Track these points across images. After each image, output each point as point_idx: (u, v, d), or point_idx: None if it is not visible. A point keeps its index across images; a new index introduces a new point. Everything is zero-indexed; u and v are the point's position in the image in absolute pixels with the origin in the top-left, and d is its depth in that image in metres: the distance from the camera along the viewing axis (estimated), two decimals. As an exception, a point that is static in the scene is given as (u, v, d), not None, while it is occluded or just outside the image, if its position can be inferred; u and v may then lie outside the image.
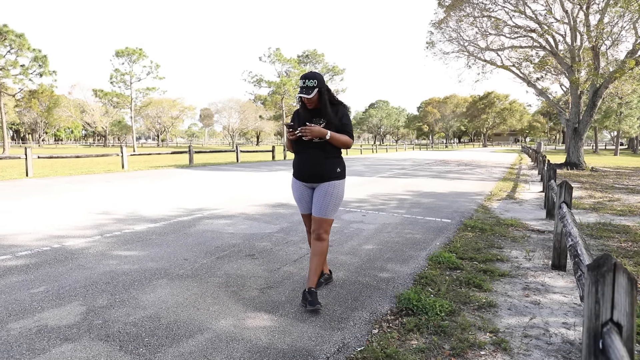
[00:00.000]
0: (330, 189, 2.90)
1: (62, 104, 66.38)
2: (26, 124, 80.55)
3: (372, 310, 2.81)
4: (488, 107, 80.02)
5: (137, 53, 42.63)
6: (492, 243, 4.64)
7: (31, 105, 38.22)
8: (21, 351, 2.20)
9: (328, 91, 2.90)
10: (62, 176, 12.48)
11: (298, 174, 3.01)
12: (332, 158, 2.92)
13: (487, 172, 15.61)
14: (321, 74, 2.88)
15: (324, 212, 2.91)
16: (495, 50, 20.45)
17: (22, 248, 4.20)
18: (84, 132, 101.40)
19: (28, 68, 35.45)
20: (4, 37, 33.35)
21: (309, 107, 2.88)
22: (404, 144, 65.15)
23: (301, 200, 3.06)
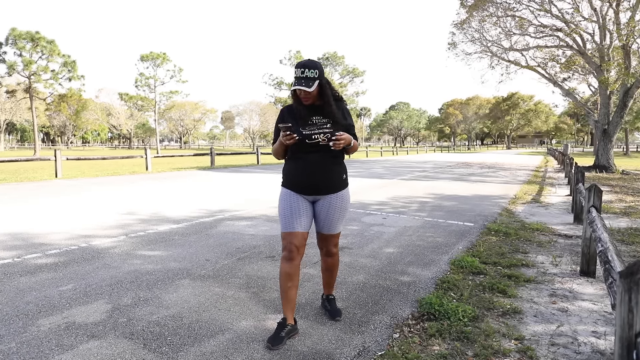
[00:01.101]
0: (339, 201, 2.50)
1: (90, 108, 68.40)
2: (55, 127, 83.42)
3: (393, 314, 2.78)
4: (512, 109, 78.43)
5: (161, 57, 43.58)
6: (516, 248, 4.53)
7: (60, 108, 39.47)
8: (50, 346, 2.27)
9: (329, 84, 2.42)
10: (89, 177, 12.85)
11: (297, 184, 2.44)
12: (339, 164, 2.50)
13: (511, 174, 15.28)
14: (320, 63, 2.37)
15: (334, 228, 2.55)
16: (519, 50, 20.02)
17: (52, 246, 4.34)
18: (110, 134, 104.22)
19: (58, 73, 36.71)
20: (36, 43, 34.64)
21: (306, 103, 2.37)
22: (424, 146, 64.53)
23: (294, 213, 2.44)
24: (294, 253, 2.41)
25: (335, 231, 2.58)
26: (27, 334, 2.41)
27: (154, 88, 44.97)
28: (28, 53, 34.81)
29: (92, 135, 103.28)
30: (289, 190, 2.48)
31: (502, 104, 79.23)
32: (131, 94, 47.16)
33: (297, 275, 2.45)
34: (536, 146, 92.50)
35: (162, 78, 44.74)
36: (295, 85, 2.29)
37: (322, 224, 2.54)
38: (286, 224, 2.44)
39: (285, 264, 2.43)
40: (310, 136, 2.33)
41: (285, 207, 2.46)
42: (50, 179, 12.25)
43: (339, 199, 2.50)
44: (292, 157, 2.46)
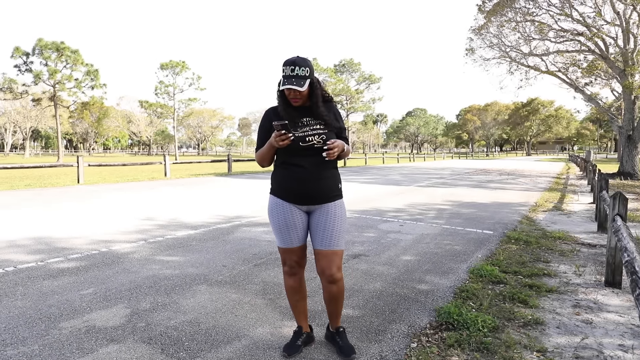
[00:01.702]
0: (338, 209, 2.24)
1: (111, 115, 70.12)
2: (78, 134, 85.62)
3: (411, 323, 2.74)
4: (532, 114, 77.03)
5: (180, 65, 44.41)
6: (538, 257, 4.42)
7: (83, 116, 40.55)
8: (71, 350, 2.31)
9: (319, 84, 2.19)
10: (109, 183, 13.12)
11: (289, 193, 2.20)
12: (333, 169, 2.26)
13: (531, 181, 14.99)
14: (310, 61, 2.15)
15: (335, 243, 2.20)
16: (539, 56, 19.72)
17: (73, 251, 4.43)
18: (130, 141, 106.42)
19: (81, 81, 37.74)
20: (61, 53, 35.73)
21: (296, 104, 2.14)
22: (442, 153, 63.88)
23: (291, 228, 2.22)
24: (294, 268, 2.31)
25: (338, 247, 2.22)
26: (49, 337, 2.45)
27: (173, 96, 45.80)
28: (53, 62, 35.91)
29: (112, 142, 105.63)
30: (280, 200, 2.24)
31: (521, 109, 77.91)
32: (151, 102, 48.11)
33: (303, 287, 2.38)
34: (557, 152, 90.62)
35: (181, 86, 45.57)
36: (285, 85, 2.05)
37: (320, 238, 2.21)
38: (283, 239, 2.25)
39: (288, 279, 2.34)
40: (304, 138, 2.11)
41: (280, 221, 2.23)
42: (73, 184, 12.56)
43: (338, 207, 2.24)
44: (282, 163, 2.22)
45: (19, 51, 35.14)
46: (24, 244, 4.73)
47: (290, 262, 2.30)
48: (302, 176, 2.16)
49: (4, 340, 2.40)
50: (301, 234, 2.27)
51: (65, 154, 69.32)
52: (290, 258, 2.29)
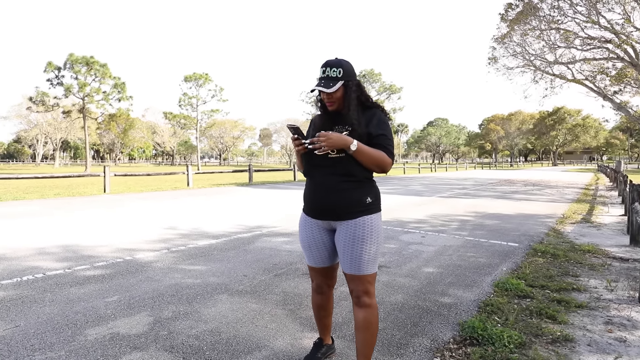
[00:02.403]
0: (359, 230, 1.92)
1: (137, 126, 72.00)
2: (105, 144, 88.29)
3: (433, 337, 2.68)
4: (558, 124, 75.31)
5: (203, 78, 45.39)
6: (566, 270, 4.27)
7: (110, 127, 41.80)
8: (96, 356, 2.35)
9: (359, 88, 1.98)
10: (134, 193, 13.43)
11: (309, 207, 2.06)
12: (357, 182, 1.95)
13: (558, 192, 14.58)
14: (350, 63, 1.99)
15: (357, 268, 1.94)
16: (565, 64, 19.33)
17: (99, 259, 4.53)
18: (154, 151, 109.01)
19: (109, 94, 39.02)
20: (90, 67, 37.07)
21: (330, 109, 1.99)
22: (464, 163, 62.91)
23: (312, 246, 2.07)
24: (323, 287, 2.19)
25: (361, 271, 1.94)
26: (75, 343, 2.50)
27: (196, 107, 46.76)
28: (83, 76, 37.29)
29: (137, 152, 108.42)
30: (304, 215, 2.12)
31: (547, 119, 76.28)
32: (175, 113, 49.24)
33: (330, 305, 2.27)
34: (585, 163, 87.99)
35: (204, 97, 46.51)
36: (315, 86, 1.93)
37: (342, 260, 2.00)
38: (309, 257, 2.13)
39: (315, 296, 2.23)
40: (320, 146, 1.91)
41: (302, 237, 2.11)
42: (99, 194, 12.91)
43: (359, 226, 1.93)
44: (307, 172, 2.07)
45: (51, 66, 36.65)
46: (53, 252, 4.87)
47: (317, 281, 2.18)
48: (316, 188, 2.00)
49: (32, 346, 2.46)
50: (324, 254, 2.08)
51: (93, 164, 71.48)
52: (317, 277, 2.17)
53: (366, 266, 1.94)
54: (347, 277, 2.00)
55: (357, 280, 1.96)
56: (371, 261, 1.95)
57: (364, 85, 2.01)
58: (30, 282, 3.71)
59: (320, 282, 2.17)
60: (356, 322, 2.01)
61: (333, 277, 2.19)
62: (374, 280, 2.00)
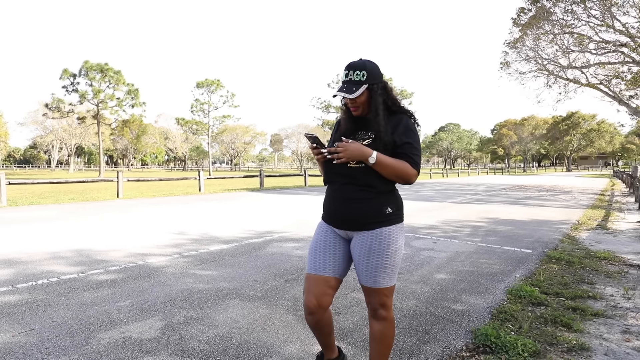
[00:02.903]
0: (376, 242, 1.81)
1: (149, 132, 73.01)
2: (118, 150, 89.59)
3: (446, 345, 2.65)
4: (572, 129, 74.29)
5: (215, 84, 45.86)
6: (581, 278, 4.20)
7: (123, 133, 42.48)
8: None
9: (385, 90, 1.85)
10: (147, 198, 13.58)
11: (327, 214, 1.98)
12: (377, 192, 1.82)
13: (572, 198, 14.35)
14: (375, 64, 1.86)
15: (372, 280, 1.84)
16: (579, 68, 19.10)
17: (112, 263, 4.59)
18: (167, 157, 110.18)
19: (122, 100, 39.66)
20: (104, 74, 37.74)
21: (355, 114, 1.87)
22: (476, 168, 62.35)
23: (318, 249, 1.94)
24: (311, 307, 1.88)
25: (376, 284, 1.85)
26: (88, 347, 2.53)
27: (208, 113, 47.23)
28: (97, 83, 37.97)
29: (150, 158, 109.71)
30: (322, 222, 2.02)
31: (560, 123, 75.31)
32: (187, 119, 49.83)
33: (326, 324, 1.98)
34: (600, 168, 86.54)
35: (215, 103, 46.96)
36: (337, 91, 1.81)
37: (358, 271, 1.89)
38: (309, 263, 1.95)
39: (307, 315, 1.93)
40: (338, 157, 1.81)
41: (314, 240, 1.99)
42: (112, 199, 13.07)
43: (376, 238, 1.81)
44: (325, 180, 1.99)
45: (67, 73, 37.40)
46: (67, 256, 4.94)
47: (308, 297, 1.89)
48: (334, 196, 1.89)
49: (47, 349, 2.50)
50: (330, 262, 1.91)
51: (106, 169, 72.48)
52: (311, 290, 1.89)
53: (382, 279, 1.83)
54: (364, 289, 1.90)
55: (373, 292, 1.86)
56: (388, 274, 1.84)
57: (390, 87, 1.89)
58: (45, 285, 3.76)
59: (312, 298, 1.88)
60: (371, 333, 1.94)
61: (329, 294, 1.91)
62: (392, 293, 1.89)
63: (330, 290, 1.91)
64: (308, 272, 1.94)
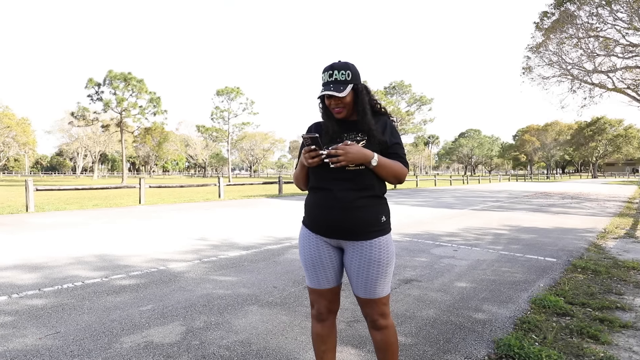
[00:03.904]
0: (374, 251, 1.77)
1: (170, 139, 74.34)
2: (140, 157, 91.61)
3: (467, 354, 2.60)
4: (597, 134, 72.23)
5: (235, 91, 46.46)
6: (609, 288, 4.06)
7: (145, 140, 43.40)
8: (130, 364, 2.41)
9: (367, 91, 1.85)
10: (168, 204, 13.81)
11: (314, 222, 1.86)
12: (374, 198, 1.80)
13: (598, 206, 13.93)
14: (355, 65, 1.84)
15: (372, 291, 1.81)
16: (605, 72, 18.63)
17: (134, 268, 4.67)
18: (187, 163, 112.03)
19: (145, 108, 40.57)
20: (128, 83, 38.74)
21: (339, 116, 1.82)
22: (498, 175, 61.25)
23: (317, 266, 1.87)
24: (323, 314, 1.92)
25: (375, 295, 1.81)
26: (111, 350, 2.58)
27: (227, 120, 47.84)
28: (121, 91, 38.99)
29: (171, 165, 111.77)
30: (307, 231, 1.90)
31: (585, 129, 73.33)
32: (207, 126, 50.52)
33: (332, 337, 1.97)
34: (628, 175, 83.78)
35: (235, 110, 47.52)
36: (323, 91, 1.77)
37: (354, 283, 1.84)
38: (310, 277, 1.91)
39: (316, 324, 1.94)
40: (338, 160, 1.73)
41: (306, 255, 1.89)
42: (135, 205, 13.35)
43: (375, 248, 1.77)
44: (312, 187, 1.89)
45: (92, 82, 38.55)
46: (91, 261, 5.06)
47: (318, 306, 1.91)
48: (328, 203, 1.78)
49: (72, 352, 2.56)
50: (331, 275, 1.88)
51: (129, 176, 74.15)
52: (318, 301, 1.91)
53: (381, 289, 1.81)
54: (361, 301, 1.86)
55: (372, 303, 1.83)
56: (386, 283, 1.83)
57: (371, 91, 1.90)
58: (69, 289, 3.86)
59: (321, 308, 1.91)
60: (375, 344, 1.90)
61: (337, 301, 1.94)
62: (389, 301, 1.87)
63: (337, 297, 1.94)
64: (312, 287, 1.91)
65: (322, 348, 1.95)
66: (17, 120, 56.07)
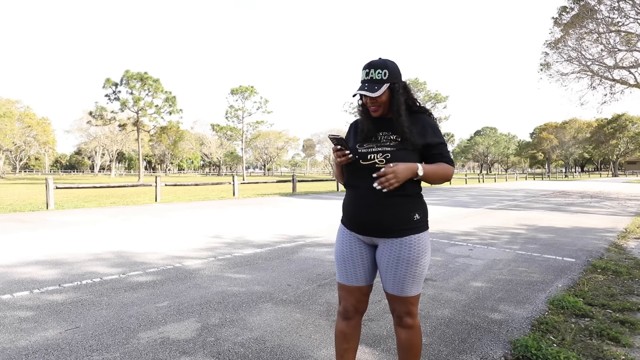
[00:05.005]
0: (405, 250, 1.75)
1: (186, 138, 75.20)
2: (156, 156, 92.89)
3: (483, 355, 2.57)
4: (618, 132, 70.52)
5: (249, 90, 46.73)
6: (630, 289, 3.96)
7: (161, 139, 44.03)
8: (148, 359, 2.45)
9: (406, 90, 1.81)
10: (183, 202, 13.98)
11: (348, 220, 1.88)
12: (405, 196, 1.76)
13: (619, 205, 13.61)
14: (396, 63, 1.81)
15: (400, 289, 1.79)
16: (626, 68, 18.16)
17: (151, 265, 4.74)
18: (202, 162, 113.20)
19: (161, 108, 41.11)
20: (144, 82, 39.30)
21: (375, 115, 1.81)
22: (514, 173, 60.27)
23: (348, 262, 1.87)
24: (350, 312, 1.90)
25: (404, 293, 1.79)
26: (128, 346, 2.62)
27: (242, 119, 48.15)
28: (137, 91, 39.59)
29: (186, 163, 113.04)
30: (344, 228, 1.92)
31: (606, 127, 71.65)
32: (222, 125, 51.03)
33: (356, 336, 1.93)
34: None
35: (249, 109, 47.81)
36: (357, 90, 1.76)
37: (384, 280, 1.84)
38: (340, 272, 1.90)
39: (341, 321, 1.92)
40: (365, 155, 1.76)
41: (338, 251, 1.91)
42: (151, 203, 13.55)
43: (406, 246, 1.75)
44: (346, 184, 1.89)
45: (109, 82, 39.22)
46: (109, 257, 5.15)
47: (345, 303, 1.90)
48: (358, 201, 1.80)
49: (91, 346, 2.61)
50: (360, 272, 1.87)
51: (145, 174, 75.27)
52: (347, 298, 1.89)
53: (410, 288, 1.79)
54: (389, 297, 1.85)
55: (400, 301, 1.82)
56: (416, 282, 1.79)
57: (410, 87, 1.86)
58: (88, 285, 3.94)
59: (349, 305, 1.89)
60: (398, 342, 1.90)
61: (365, 301, 1.92)
62: (418, 301, 1.85)
63: (365, 297, 1.92)
64: (340, 282, 1.91)
65: (344, 346, 1.92)
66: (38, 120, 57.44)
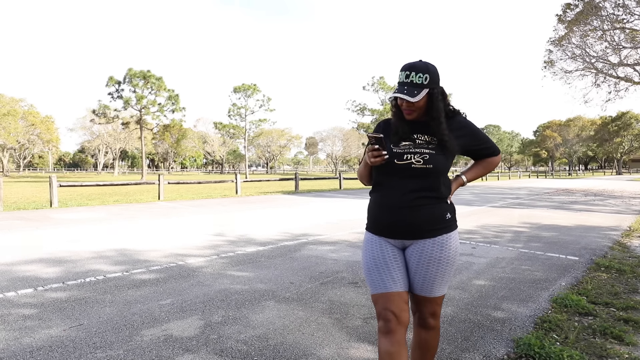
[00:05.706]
0: (437, 250, 1.73)
1: (189, 136, 75.32)
2: (159, 154, 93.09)
3: (486, 353, 2.56)
4: (623, 130, 70.14)
5: (252, 88, 46.71)
6: (634, 287, 3.95)
7: (164, 137, 44.06)
8: (151, 357, 2.45)
9: (443, 96, 1.77)
10: (186, 200, 14.02)
11: (378, 223, 1.79)
12: (438, 198, 1.75)
13: (623, 203, 13.55)
14: (436, 67, 1.75)
15: (428, 290, 1.76)
16: (631, 65, 18.06)
17: (154, 263, 4.76)
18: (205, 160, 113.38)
19: (164, 106, 41.13)
20: (147, 80, 39.35)
21: (409, 118, 1.75)
22: (517, 171, 60.08)
23: (382, 269, 1.75)
24: (392, 323, 1.67)
25: (433, 293, 1.77)
26: (132, 343, 2.64)
27: (244, 117, 48.15)
28: (140, 89, 39.64)
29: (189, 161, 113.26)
30: (370, 235, 1.83)
31: (610, 124, 71.29)
32: (224, 123, 50.95)
33: (403, 355, 1.66)
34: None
35: (252, 107, 47.79)
36: (395, 92, 1.70)
37: (412, 280, 1.78)
38: (374, 283, 1.76)
39: (384, 340, 1.68)
40: (401, 156, 1.71)
41: (368, 259, 1.79)
42: (154, 201, 13.59)
43: (437, 246, 1.72)
44: (375, 184, 1.83)
45: (112, 80, 39.28)
46: (112, 255, 5.17)
47: (385, 314, 1.69)
48: (391, 202, 1.73)
49: (94, 344, 2.62)
50: (397, 275, 1.74)
51: (148, 173, 75.53)
52: (384, 308, 1.70)
53: (439, 288, 1.76)
54: (415, 298, 1.80)
55: (427, 302, 1.78)
56: (445, 282, 1.77)
57: None
58: (92, 283, 3.96)
59: (389, 315, 1.68)
60: (417, 341, 1.86)
61: (406, 310, 1.73)
62: (442, 302, 1.82)
63: (406, 305, 1.74)
64: (376, 293, 1.75)
65: None
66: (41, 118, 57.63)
